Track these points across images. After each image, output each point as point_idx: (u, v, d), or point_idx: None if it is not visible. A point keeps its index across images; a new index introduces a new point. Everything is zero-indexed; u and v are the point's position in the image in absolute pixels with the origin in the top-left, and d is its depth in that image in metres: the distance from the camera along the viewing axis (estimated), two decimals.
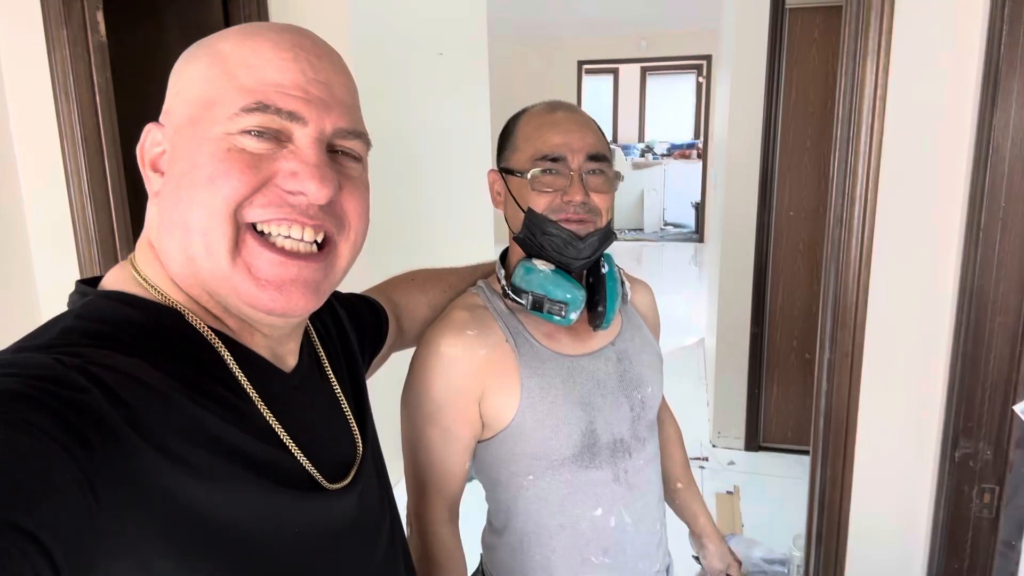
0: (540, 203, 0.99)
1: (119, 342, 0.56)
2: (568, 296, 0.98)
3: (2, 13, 1.62)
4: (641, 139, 11.92)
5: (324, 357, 0.78)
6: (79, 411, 0.48)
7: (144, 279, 0.63)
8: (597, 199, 0.99)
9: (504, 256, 1.11)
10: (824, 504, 1.53)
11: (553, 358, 1.02)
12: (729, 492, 3.20)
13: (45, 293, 1.72)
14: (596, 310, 1.03)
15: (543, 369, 1.01)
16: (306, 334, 0.77)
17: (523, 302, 1.01)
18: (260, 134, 0.59)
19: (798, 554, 2.38)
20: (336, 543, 0.67)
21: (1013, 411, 1.28)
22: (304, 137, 0.61)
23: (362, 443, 0.76)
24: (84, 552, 0.44)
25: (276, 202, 0.60)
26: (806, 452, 1.69)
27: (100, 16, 1.65)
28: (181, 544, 0.51)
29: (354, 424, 0.77)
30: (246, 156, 0.59)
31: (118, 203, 1.73)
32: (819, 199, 3.22)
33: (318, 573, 0.63)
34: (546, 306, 0.99)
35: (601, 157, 1.00)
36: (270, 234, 0.61)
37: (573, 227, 0.99)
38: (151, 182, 0.63)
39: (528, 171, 0.99)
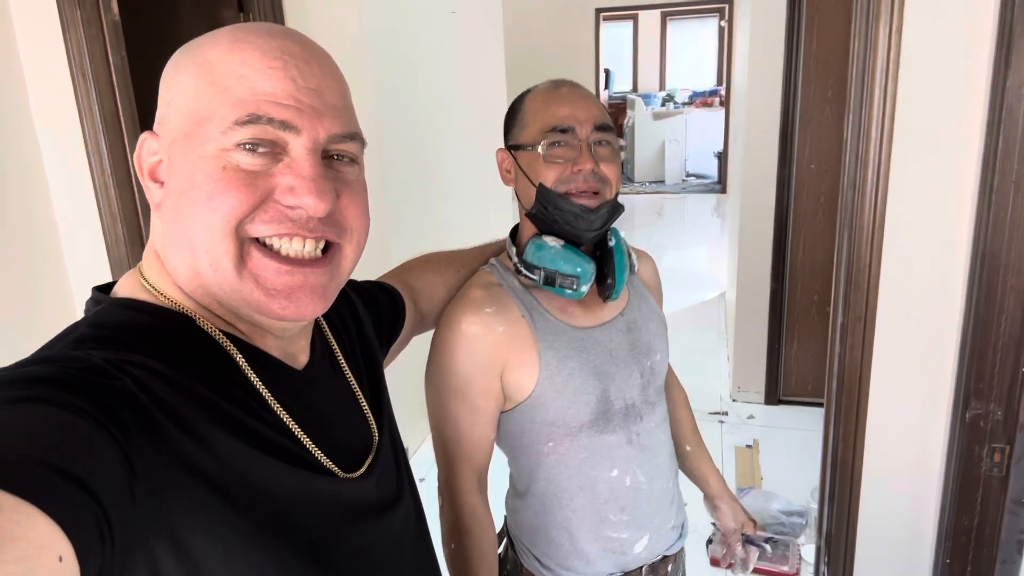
0: (550, 176, 1.02)
1: (133, 348, 0.58)
2: (579, 270, 1.02)
3: None
4: (662, 87, 11.69)
5: (338, 350, 0.80)
6: (114, 396, 0.51)
7: (153, 287, 0.65)
8: (606, 169, 1.02)
9: (514, 233, 1.15)
10: (837, 463, 1.56)
11: (567, 331, 1.07)
12: (748, 446, 3.24)
13: (75, 274, 1.78)
14: (605, 282, 1.07)
15: (559, 342, 1.05)
16: (319, 329, 0.79)
17: (535, 278, 1.05)
18: (254, 148, 0.60)
19: (816, 506, 2.43)
20: (355, 526, 0.69)
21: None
22: (299, 148, 0.61)
23: (378, 431, 0.79)
24: (129, 522, 0.47)
25: (277, 218, 0.61)
26: None
27: None
28: (208, 519, 0.54)
29: (369, 414, 0.79)
30: (242, 174, 0.59)
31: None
32: (841, 151, 3.16)
33: (337, 553, 0.65)
34: (558, 280, 1.03)
35: (607, 127, 1.04)
36: (273, 245, 0.62)
37: (584, 200, 1.02)
38: (151, 192, 0.64)
39: (538, 144, 1.02)
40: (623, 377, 1.09)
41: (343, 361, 0.80)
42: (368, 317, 0.92)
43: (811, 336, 3.46)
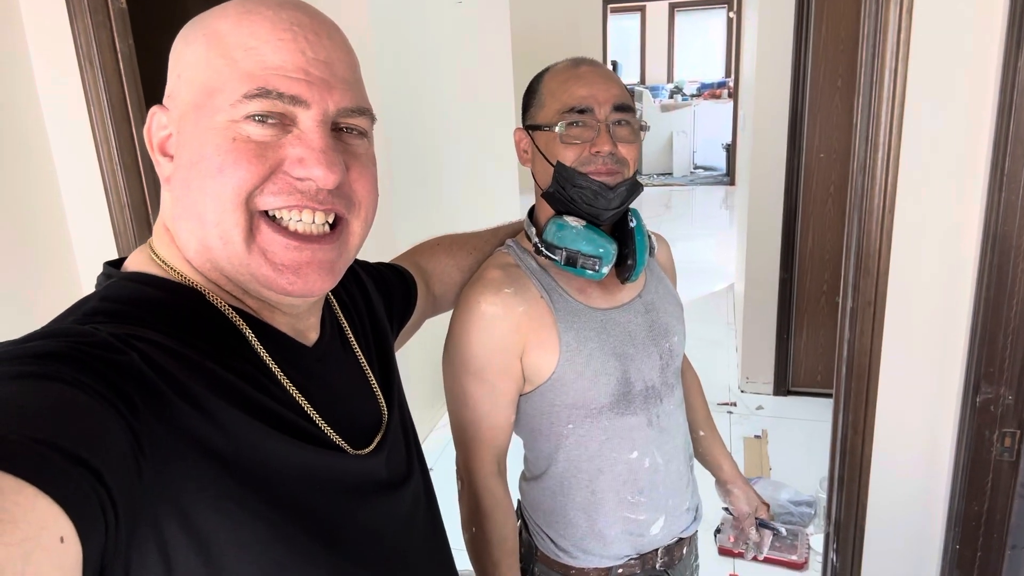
0: (568, 156, 1.01)
1: (143, 322, 0.58)
2: (601, 250, 1.01)
3: None
4: (670, 79, 11.64)
5: (348, 328, 0.80)
6: (121, 371, 0.51)
7: (163, 261, 0.65)
8: (624, 149, 1.02)
9: (531, 214, 1.14)
10: (846, 449, 1.55)
11: (586, 312, 1.06)
12: (757, 436, 3.24)
13: (83, 261, 1.78)
14: (626, 263, 1.06)
15: (578, 323, 1.05)
16: (329, 307, 0.79)
17: (556, 258, 1.04)
18: (263, 119, 0.59)
19: (824, 496, 2.42)
20: (364, 502, 0.69)
21: None
22: (308, 120, 0.61)
23: (388, 409, 0.78)
24: (135, 499, 0.47)
25: (286, 189, 0.61)
26: None
27: None
28: (216, 494, 0.54)
29: (379, 392, 0.79)
30: (252, 145, 0.59)
31: (147, 167, 1.77)
32: (851, 140, 3.13)
33: (346, 529, 0.66)
34: (579, 261, 1.02)
35: (627, 108, 1.03)
36: (282, 219, 0.62)
37: (603, 178, 1.01)
38: (161, 166, 0.64)
39: (556, 124, 1.01)
40: (642, 358, 1.08)
41: (353, 339, 0.80)
42: (379, 297, 0.92)
43: (820, 326, 3.45)
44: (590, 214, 1.03)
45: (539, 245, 1.06)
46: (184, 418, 0.53)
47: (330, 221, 0.64)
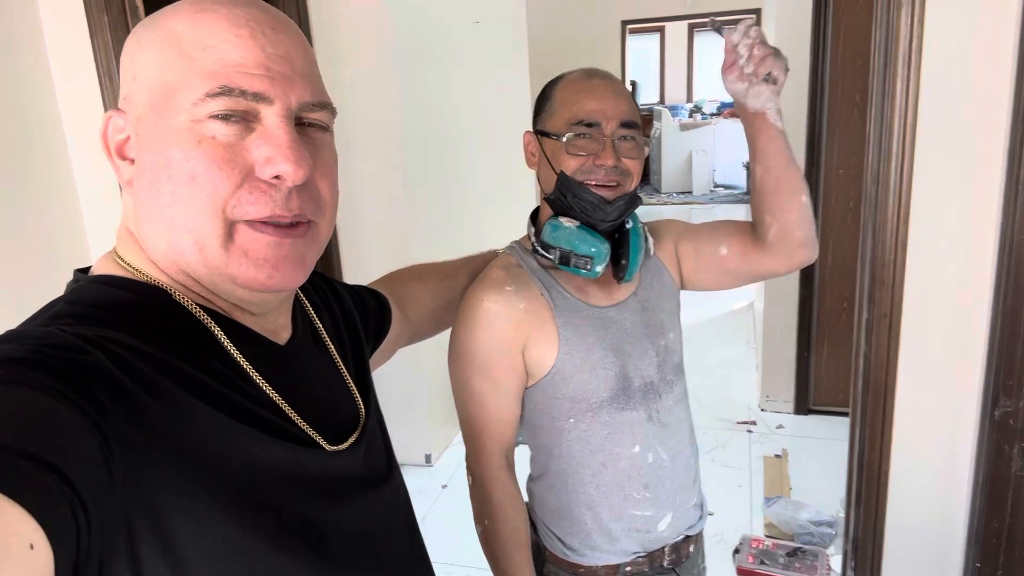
0: (572, 165, 1.05)
1: (110, 323, 0.57)
2: (593, 250, 1.05)
3: (46, 2, 1.69)
4: (689, 99, 11.65)
5: (320, 327, 0.79)
6: (87, 372, 0.50)
7: (127, 265, 0.64)
8: (628, 163, 1.06)
9: (535, 215, 1.18)
10: (863, 464, 1.52)
11: (585, 308, 1.10)
12: (777, 456, 3.18)
13: None
14: (620, 263, 1.09)
15: (577, 319, 1.09)
16: (301, 306, 0.78)
17: (552, 257, 1.08)
18: (227, 118, 0.59)
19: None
20: (342, 499, 0.69)
21: None
22: (272, 116, 0.60)
23: (365, 409, 0.78)
24: (106, 501, 0.47)
25: (261, 200, 0.60)
26: None
27: (139, 0, 1.70)
28: (188, 494, 0.54)
29: (355, 389, 0.79)
30: (219, 148, 0.59)
31: None
32: None
33: (322, 524, 0.65)
34: (572, 260, 1.06)
35: (633, 124, 1.06)
36: (253, 222, 0.61)
37: (602, 192, 1.05)
38: (121, 171, 0.63)
39: (563, 134, 1.05)
40: (639, 355, 1.11)
41: (326, 337, 0.79)
42: (355, 311, 0.92)
43: (841, 343, 3.39)
44: (587, 223, 1.07)
45: (536, 245, 1.11)
46: (154, 418, 0.53)
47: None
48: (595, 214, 1.05)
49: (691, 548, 1.20)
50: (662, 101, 11.53)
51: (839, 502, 2.66)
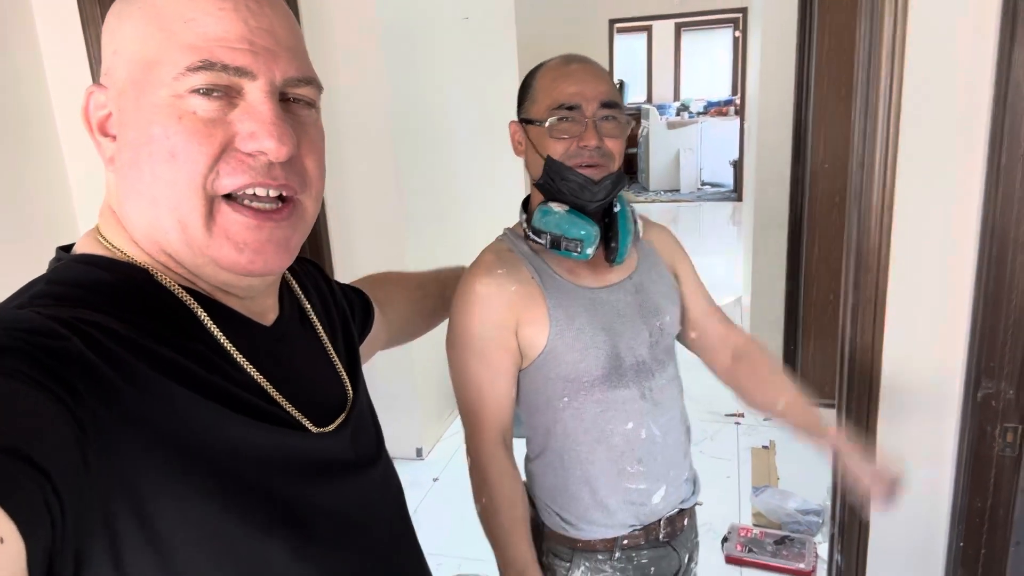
0: (557, 149, 1.08)
1: (89, 304, 0.56)
2: (582, 233, 1.08)
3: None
4: (676, 98, 11.70)
5: (309, 308, 0.78)
6: (61, 358, 0.49)
7: (109, 243, 0.63)
8: (610, 144, 1.09)
9: (526, 202, 1.21)
10: None
11: (576, 291, 1.13)
12: (765, 447, 3.22)
13: None
14: (610, 246, 1.12)
15: (567, 300, 1.11)
16: (288, 287, 0.77)
17: (543, 241, 1.10)
18: (208, 93, 0.57)
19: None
20: (329, 482, 0.68)
21: None
22: (255, 91, 0.59)
23: (353, 391, 0.77)
24: (82, 490, 0.46)
25: (240, 168, 0.59)
26: None
27: None
28: (167, 478, 0.53)
29: (343, 371, 0.78)
30: (200, 123, 0.57)
31: None
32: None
33: (311, 509, 0.64)
34: (563, 243, 1.08)
35: (613, 104, 1.09)
36: (240, 198, 0.60)
37: (588, 172, 1.08)
38: (103, 148, 0.62)
39: (546, 119, 1.08)
40: (631, 335, 1.13)
41: (315, 318, 0.78)
42: (344, 301, 0.92)
43: (828, 336, 3.43)
44: (577, 205, 1.09)
45: (527, 231, 1.13)
46: (131, 402, 0.52)
47: (283, 194, 0.63)
48: (583, 195, 1.08)
49: (685, 522, 1.23)
50: (649, 100, 11.57)
51: (825, 491, 2.69)
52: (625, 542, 1.16)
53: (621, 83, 10.41)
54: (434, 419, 3.22)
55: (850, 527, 1.56)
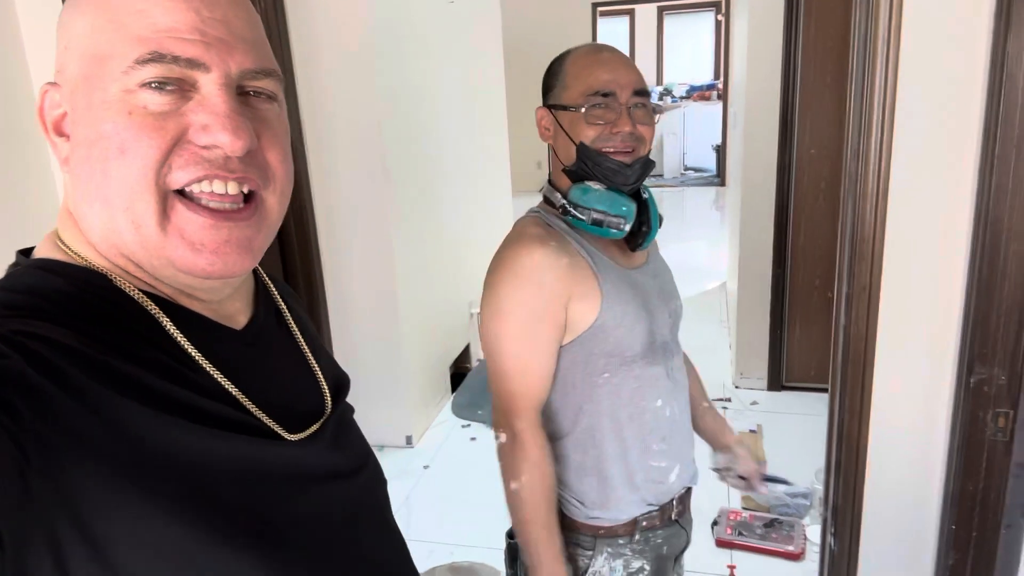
0: (590, 134, 1.10)
1: (42, 313, 0.54)
2: (624, 209, 1.10)
3: None
4: (659, 82, 11.70)
5: (285, 309, 0.75)
6: (1, 378, 0.46)
7: (67, 248, 0.60)
8: (642, 129, 1.12)
9: (550, 184, 1.21)
10: (843, 434, 1.57)
11: (616, 268, 1.15)
12: (752, 431, 3.25)
13: None
14: (640, 230, 1.15)
15: (612, 276, 1.13)
16: (265, 288, 0.75)
17: (583, 218, 1.10)
18: (161, 87, 0.55)
19: (820, 487, 2.44)
20: (306, 491, 0.65)
21: None
22: (209, 84, 0.56)
23: (333, 396, 0.74)
24: (23, 518, 0.45)
25: (193, 160, 0.56)
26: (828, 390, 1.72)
27: None
28: (119, 499, 0.51)
29: (321, 376, 0.74)
30: (150, 118, 0.55)
31: None
32: (841, 136, 3.10)
33: (282, 517, 0.61)
34: (605, 221, 1.10)
35: (645, 92, 1.13)
36: (198, 197, 0.58)
37: (620, 157, 1.11)
38: (58, 148, 0.59)
39: (581, 105, 1.10)
40: (659, 315, 1.18)
41: (292, 322, 0.75)
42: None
43: (813, 321, 3.47)
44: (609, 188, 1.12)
45: (567, 206, 1.12)
46: (76, 420, 0.49)
47: (244, 191, 0.60)
48: (616, 179, 1.10)
49: (689, 501, 1.27)
50: None
51: (813, 474, 2.73)
52: (644, 523, 1.18)
53: None
54: (423, 407, 3.22)
55: (843, 511, 1.59)
